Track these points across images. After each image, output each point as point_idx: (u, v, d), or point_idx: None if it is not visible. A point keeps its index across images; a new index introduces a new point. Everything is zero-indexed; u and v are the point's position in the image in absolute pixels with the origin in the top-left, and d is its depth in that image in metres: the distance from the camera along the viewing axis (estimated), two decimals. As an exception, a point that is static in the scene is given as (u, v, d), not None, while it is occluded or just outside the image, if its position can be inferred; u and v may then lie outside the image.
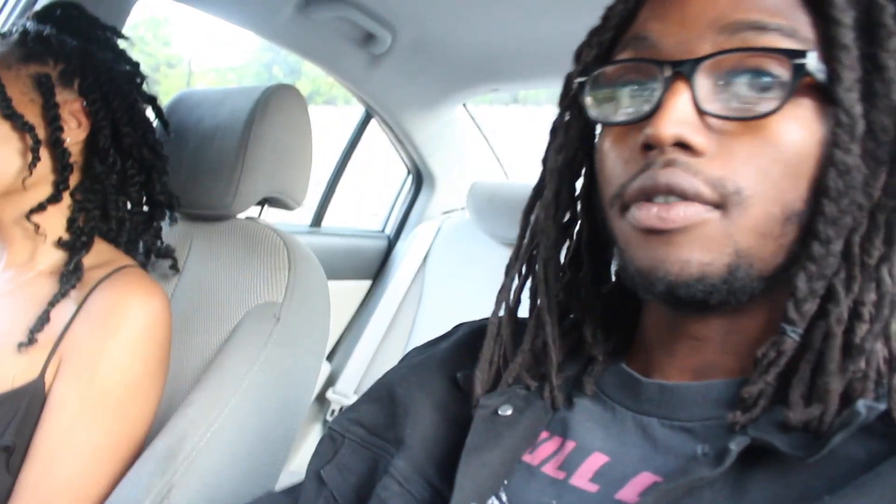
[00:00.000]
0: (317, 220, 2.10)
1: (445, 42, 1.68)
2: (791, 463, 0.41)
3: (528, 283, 0.59)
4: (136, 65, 1.01)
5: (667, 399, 0.50)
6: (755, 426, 0.43)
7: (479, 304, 2.03)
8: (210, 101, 1.12)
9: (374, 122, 2.10)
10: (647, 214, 0.46)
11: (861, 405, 0.40)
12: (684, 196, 0.44)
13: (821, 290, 0.44)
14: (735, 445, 0.41)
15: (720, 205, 0.44)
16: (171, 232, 1.08)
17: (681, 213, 0.44)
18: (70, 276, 0.87)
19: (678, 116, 0.44)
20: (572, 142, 0.57)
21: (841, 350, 0.42)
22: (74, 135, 0.91)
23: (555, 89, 0.57)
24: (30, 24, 0.92)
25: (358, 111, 2.11)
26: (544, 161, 0.58)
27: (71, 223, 0.91)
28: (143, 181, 0.99)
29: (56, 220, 0.91)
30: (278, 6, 1.45)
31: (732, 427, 0.44)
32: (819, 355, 0.43)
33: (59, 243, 0.91)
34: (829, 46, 0.44)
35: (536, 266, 0.58)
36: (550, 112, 0.58)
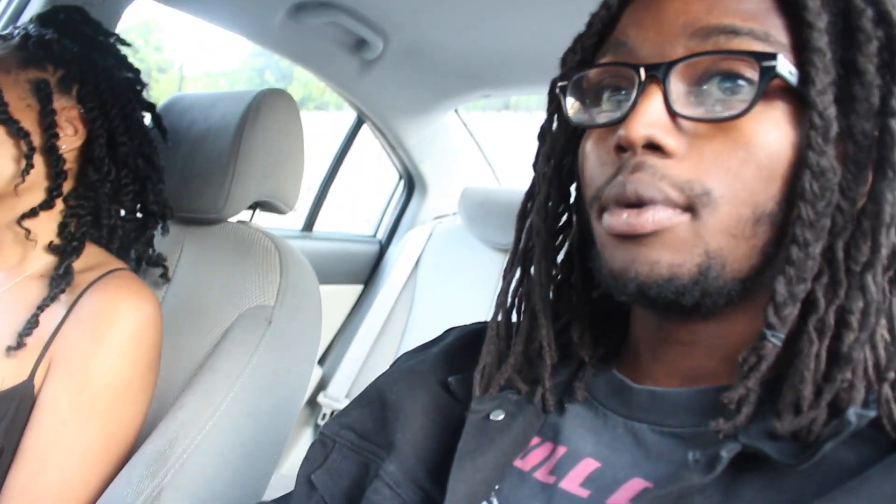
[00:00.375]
0: (308, 225, 2.10)
1: (437, 48, 1.69)
2: (782, 469, 0.41)
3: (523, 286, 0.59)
4: (137, 72, 1.01)
5: (658, 406, 0.50)
6: (746, 433, 0.43)
7: (470, 308, 2.03)
8: (201, 105, 1.12)
9: (365, 128, 2.11)
10: (618, 221, 0.46)
11: (852, 414, 0.40)
12: (652, 203, 0.45)
13: (802, 294, 0.43)
14: (726, 452, 0.41)
15: (689, 207, 0.45)
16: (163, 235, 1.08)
17: (650, 217, 0.45)
18: (60, 279, 0.87)
19: (649, 118, 0.45)
20: (560, 146, 0.57)
21: (828, 358, 0.42)
22: (70, 142, 0.91)
23: (546, 95, 0.58)
24: (31, 28, 0.91)
25: (349, 117, 2.11)
26: (534, 166, 0.59)
27: (62, 228, 0.91)
28: (136, 190, 0.99)
29: (47, 225, 0.91)
30: (270, 11, 1.45)
31: (718, 434, 0.44)
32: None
33: (50, 247, 0.90)
34: (802, 50, 0.45)
35: (531, 269, 0.58)
36: (541, 118, 0.59)
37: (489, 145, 2.44)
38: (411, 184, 2.31)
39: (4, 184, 0.86)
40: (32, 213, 0.89)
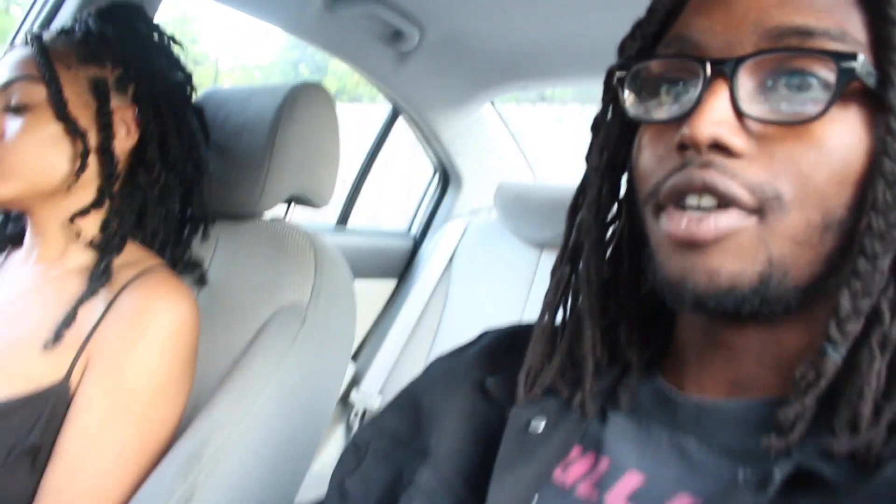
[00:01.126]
0: (342, 219, 2.09)
1: (474, 39, 1.67)
2: (838, 490, 0.39)
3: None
4: (189, 75, 1.00)
5: (705, 418, 0.48)
6: (800, 451, 0.41)
7: (505, 305, 2.01)
8: (236, 98, 1.11)
9: (400, 120, 2.09)
10: (677, 227, 0.44)
11: None
12: (720, 197, 0.43)
13: (867, 308, 0.41)
14: (779, 472, 0.39)
15: (758, 210, 0.42)
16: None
17: (711, 225, 0.43)
18: (100, 276, 0.86)
19: (716, 117, 0.43)
20: (614, 138, 0.55)
21: (888, 374, 0.40)
22: (123, 143, 0.91)
23: (582, 87, 0.56)
24: (92, 23, 0.91)
25: (384, 109, 2.10)
26: (587, 158, 0.56)
27: (105, 226, 0.91)
28: (183, 193, 0.98)
29: (90, 222, 0.91)
30: (307, 2, 1.44)
31: (769, 451, 0.42)
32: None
33: (91, 244, 0.90)
34: (882, 48, 0.42)
35: (580, 266, 0.56)
36: (575, 111, 0.56)
37: (524, 138, 2.42)
38: (446, 177, 2.29)
39: (58, 182, 0.86)
40: (84, 211, 0.89)
